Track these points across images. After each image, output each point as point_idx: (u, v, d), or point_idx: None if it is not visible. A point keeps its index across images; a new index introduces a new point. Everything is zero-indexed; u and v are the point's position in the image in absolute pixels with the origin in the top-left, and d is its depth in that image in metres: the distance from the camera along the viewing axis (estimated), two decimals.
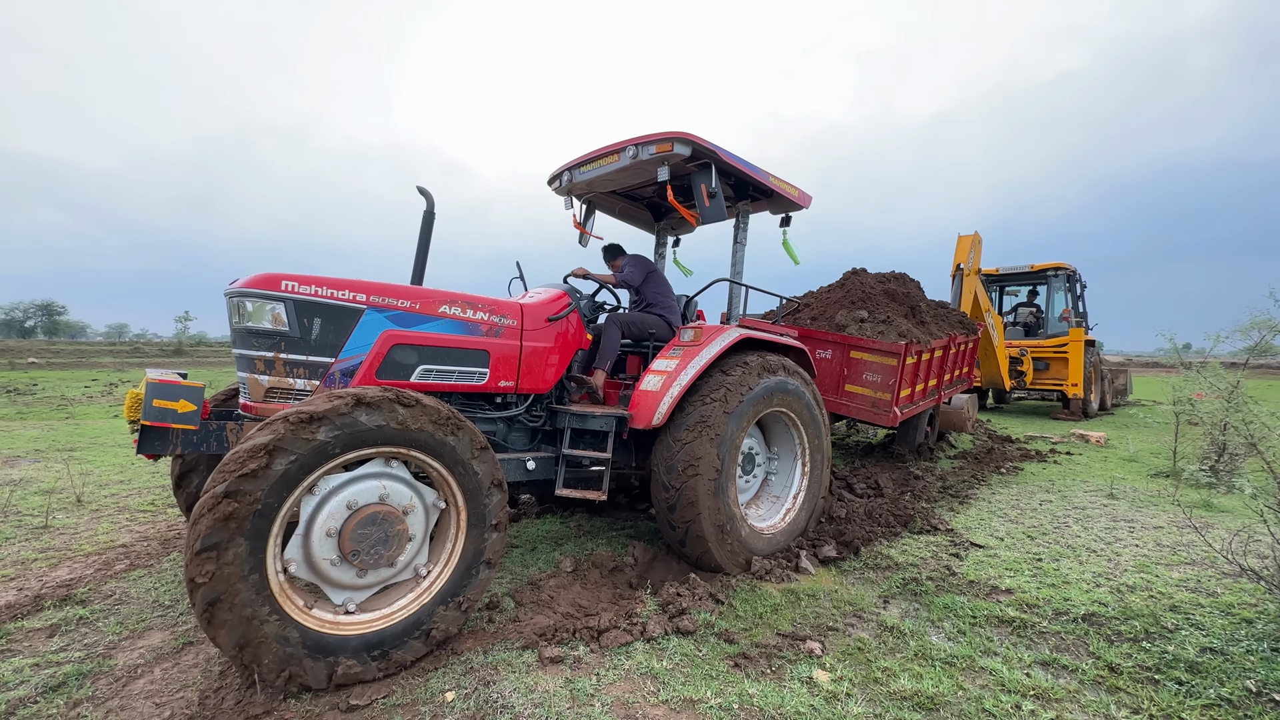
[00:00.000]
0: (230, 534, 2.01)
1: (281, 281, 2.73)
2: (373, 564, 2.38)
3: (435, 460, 2.51)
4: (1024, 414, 12.97)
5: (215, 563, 1.99)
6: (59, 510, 4.53)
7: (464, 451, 2.57)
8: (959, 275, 9.57)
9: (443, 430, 2.51)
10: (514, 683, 2.33)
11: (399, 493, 2.48)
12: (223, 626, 2.03)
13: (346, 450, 2.28)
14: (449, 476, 2.56)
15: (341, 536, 2.31)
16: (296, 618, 2.20)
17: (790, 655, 2.65)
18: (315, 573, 2.31)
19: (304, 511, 2.26)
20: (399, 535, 2.43)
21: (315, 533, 2.27)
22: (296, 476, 2.16)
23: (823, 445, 4.27)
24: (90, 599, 3.07)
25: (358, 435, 2.29)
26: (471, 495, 2.61)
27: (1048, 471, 6.80)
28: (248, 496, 2.04)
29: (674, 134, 3.61)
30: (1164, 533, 4.38)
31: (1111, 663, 2.61)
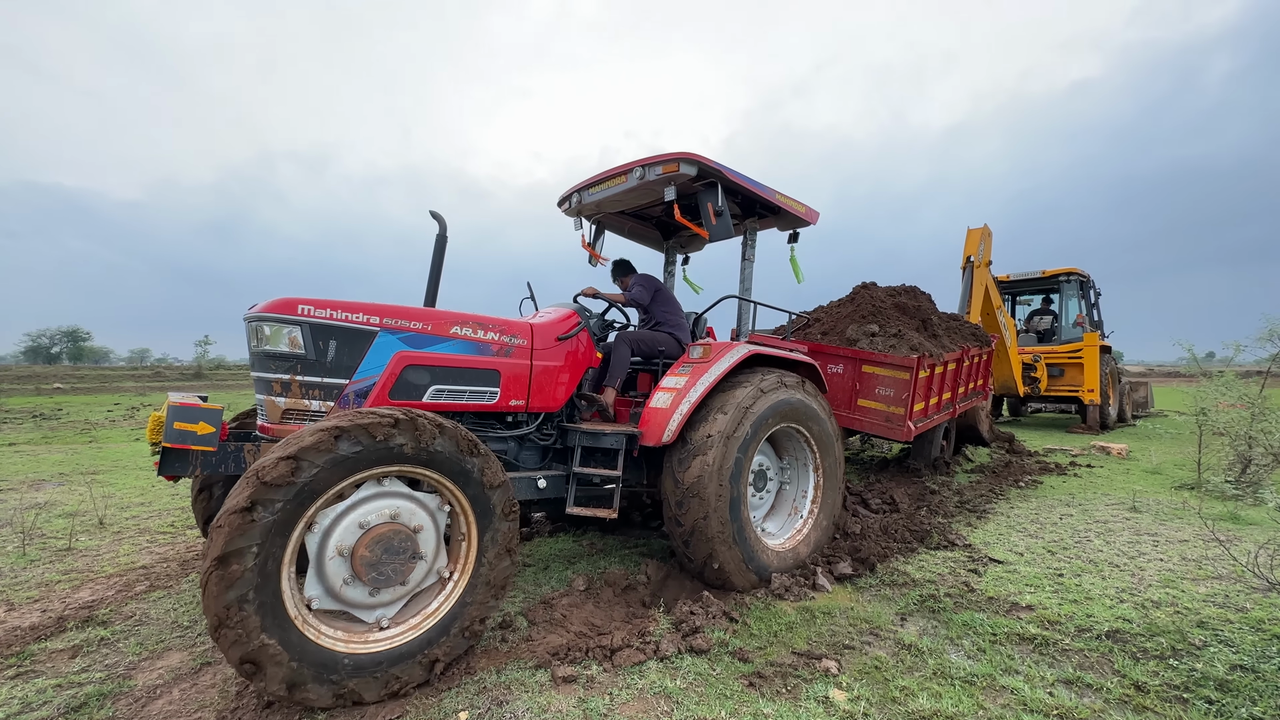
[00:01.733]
0: (242, 589, 2.06)
1: (298, 306, 2.80)
2: (388, 581, 2.41)
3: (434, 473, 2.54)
4: (1042, 427, 12.76)
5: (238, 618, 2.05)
6: (82, 532, 4.61)
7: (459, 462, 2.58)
8: (969, 268, 9.42)
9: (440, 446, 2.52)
10: (527, 702, 2.33)
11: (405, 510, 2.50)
12: (262, 677, 2.09)
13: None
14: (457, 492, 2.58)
15: (354, 559, 2.34)
16: (333, 647, 2.26)
17: (806, 674, 2.61)
18: (340, 600, 2.35)
19: (310, 547, 2.30)
20: (411, 549, 2.46)
21: (328, 562, 2.30)
22: (287, 524, 2.17)
23: (836, 461, 4.24)
24: (111, 620, 3.12)
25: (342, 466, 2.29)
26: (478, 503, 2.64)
27: (1068, 485, 6.67)
28: (246, 556, 2.07)
29: (680, 154, 3.68)
30: (1189, 546, 4.27)
31: (1138, 681, 2.54)
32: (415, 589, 2.54)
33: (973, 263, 9.41)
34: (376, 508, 2.41)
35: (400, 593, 2.48)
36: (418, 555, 2.47)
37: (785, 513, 4.20)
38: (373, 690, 2.30)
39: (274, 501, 2.10)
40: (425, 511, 2.54)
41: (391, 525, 2.41)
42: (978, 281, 9.36)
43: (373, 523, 2.37)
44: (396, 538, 2.40)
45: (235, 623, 2.02)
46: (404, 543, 2.42)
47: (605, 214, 4.82)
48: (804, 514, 4.12)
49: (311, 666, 2.17)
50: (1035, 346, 12.59)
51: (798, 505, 4.19)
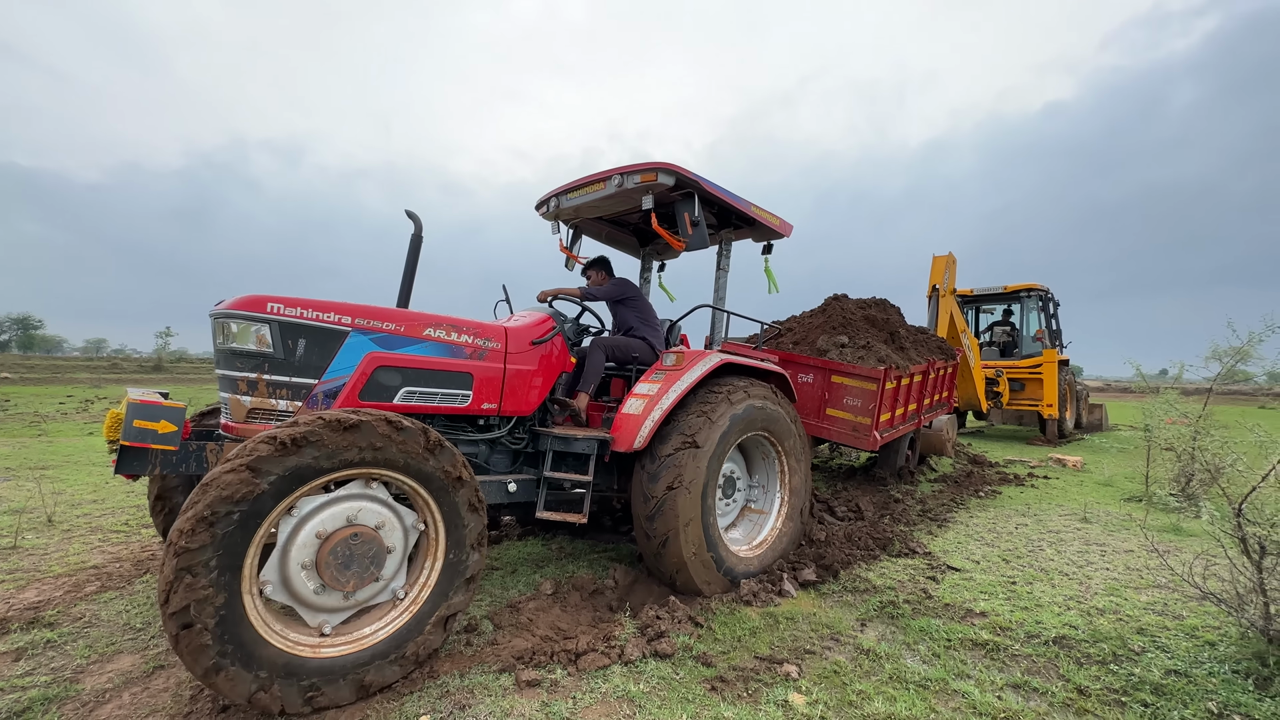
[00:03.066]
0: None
1: (267, 303, 2.76)
2: (350, 584, 2.38)
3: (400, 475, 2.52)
4: (1003, 438, 13.16)
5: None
6: (29, 530, 4.43)
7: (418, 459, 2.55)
8: (935, 296, 9.77)
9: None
10: (490, 706, 2.33)
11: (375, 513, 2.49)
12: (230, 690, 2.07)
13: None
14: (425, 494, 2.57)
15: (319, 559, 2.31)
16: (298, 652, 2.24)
17: (767, 678, 2.67)
18: (292, 596, 2.32)
19: (281, 532, 2.27)
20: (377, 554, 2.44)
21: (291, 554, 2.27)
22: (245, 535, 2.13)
23: (803, 469, 4.33)
24: (59, 622, 3.01)
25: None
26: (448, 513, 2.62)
27: (1025, 495, 6.91)
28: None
29: (658, 165, 3.73)
30: (1133, 556, 4.47)
31: (1080, 685, 2.66)
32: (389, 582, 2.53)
33: (938, 291, 9.74)
34: (339, 511, 2.39)
35: (376, 589, 2.47)
36: (384, 555, 2.46)
37: (753, 520, 4.27)
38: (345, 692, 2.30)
39: (230, 514, 2.06)
40: (392, 514, 2.53)
41: (353, 528, 2.39)
42: (943, 309, 9.71)
43: (329, 530, 2.35)
44: (359, 541, 2.38)
45: (195, 638, 1.99)
46: (368, 546, 2.40)
47: (583, 219, 4.84)
48: (771, 521, 4.19)
49: (276, 673, 2.15)
50: (997, 361, 13.02)
51: (766, 512, 4.26)
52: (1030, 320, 13.24)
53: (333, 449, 2.28)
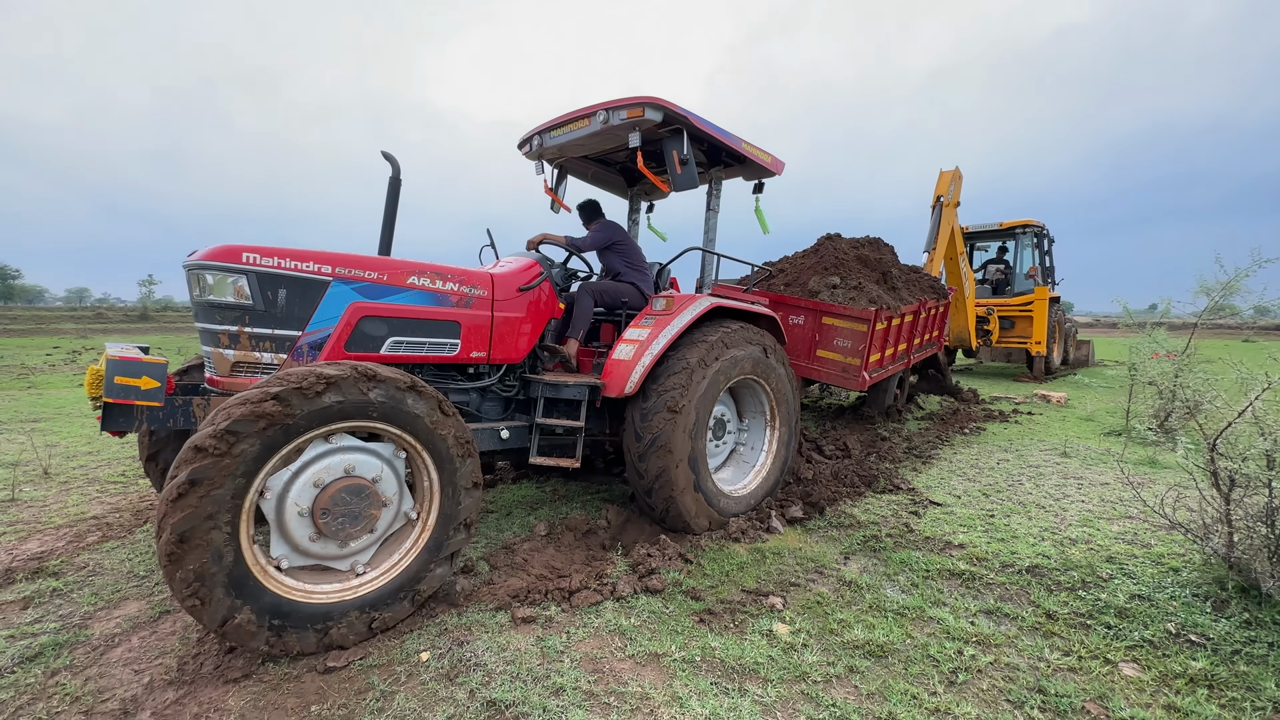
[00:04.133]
0: (198, 551, 2.05)
1: (242, 253, 2.68)
2: (354, 531, 2.45)
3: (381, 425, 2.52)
4: (991, 375, 13.36)
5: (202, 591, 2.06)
6: (25, 483, 4.48)
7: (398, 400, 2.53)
8: (938, 207, 9.60)
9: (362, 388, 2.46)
10: (487, 642, 2.44)
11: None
12: (243, 639, 2.15)
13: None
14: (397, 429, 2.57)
15: (314, 518, 2.35)
16: (302, 600, 2.30)
17: (753, 610, 2.80)
18: (310, 557, 2.39)
19: (269, 513, 2.30)
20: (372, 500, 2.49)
21: (289, 524, 2.32)
22: (233, 503, 2.15)
23: (792, 411, 4.38)
24: (63, 571, 3.08)
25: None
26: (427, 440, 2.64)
27: (1008, 431, 7.07)
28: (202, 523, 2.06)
29: (645, 99, 3.56)
30: (1109, 489, 4.63)
31: (1049, 610, 2.81)
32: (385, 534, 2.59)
33: (942, 202, 9.55)
34: (329, 464, 2.40)
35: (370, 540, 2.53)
36: (381, 504, 2.50)
37: (742, 460, 4.36)
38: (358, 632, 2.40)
39: (218, 474, 2.08)
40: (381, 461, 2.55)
41: (348, 479, 2.42)
42: (945, 220, 9.52)
43: (327, 480, 2.38)
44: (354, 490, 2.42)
45: (202, 593, 2.05)
46: (363, 494, 2.44)
47: (568, 159, 4.67)
48: (760, 461, 4.29)
49: (285, 619, 2.23)
50: (989, 299, 13.02)
51: (755, 453, 4.34)
52: (1024, 257, 13.16)
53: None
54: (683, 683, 2.23)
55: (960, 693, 2.23)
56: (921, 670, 2.36)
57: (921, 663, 2.40)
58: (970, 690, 2.25)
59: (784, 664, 2.37)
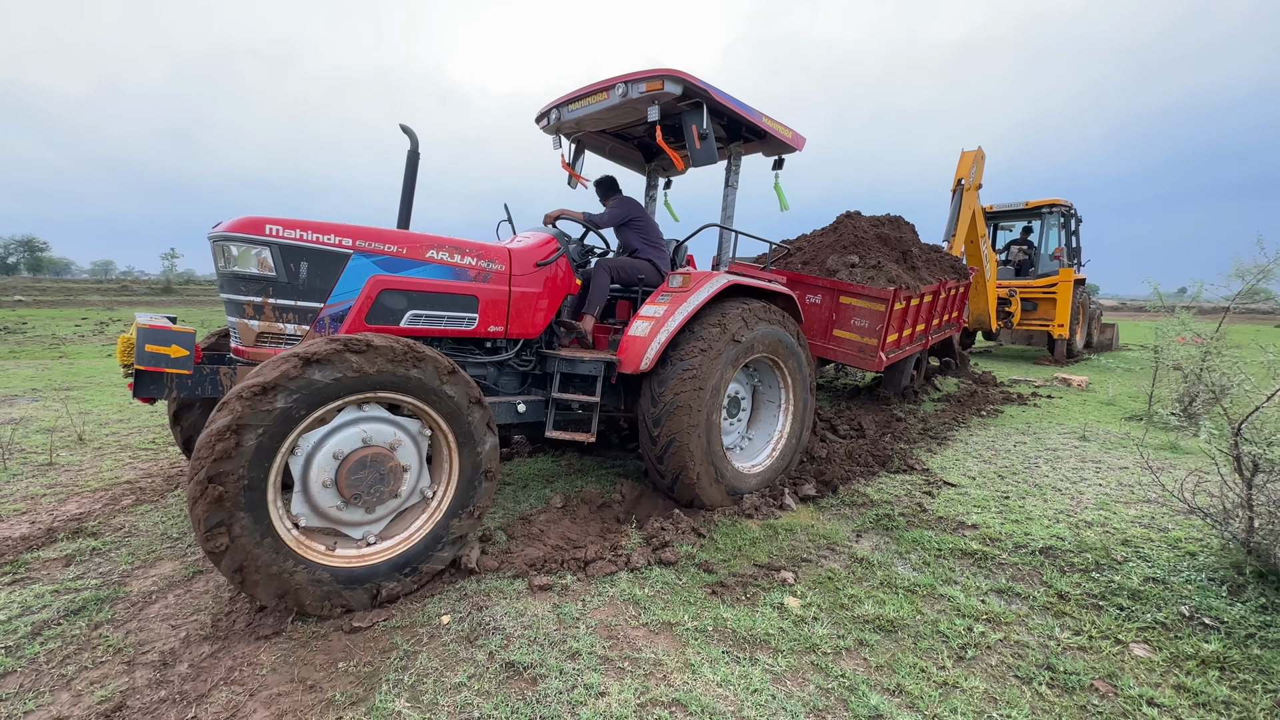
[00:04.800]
0: (229, 511, 2.13)
1: (266, 225, 2.72)
2: (375, 501, 2.51)
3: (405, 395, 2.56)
4: (1010, 358, 13.16)
5: (226, 536, 2.13)
6: (62, 448, 4.65)
7: (431, 380, 2.58)
8: (959, 190, 9.37)
9: (404, 366, 2.51)
10: (505, 608, 2.51)
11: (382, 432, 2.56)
12: (256, 585, 2.21)
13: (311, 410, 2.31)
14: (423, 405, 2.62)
15: (338, 483, 2.42)
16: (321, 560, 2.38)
17: (764, 584, 2.84)
18: (326, 519, 2.46)
19: (295, 470, 2.36)
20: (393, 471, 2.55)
21: (312, 485, 2.38)
22: (271, 446, 2.21)
23: (807, 391, 4.38)
24: (101, 531, 3.22)
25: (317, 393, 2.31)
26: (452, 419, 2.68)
27: (1026, 414, 7.00)
28: (230, 476, 2.12)
29: (665, 71, 3.52)
30: (1128, 473, 4.58)
31: (1061, 591, 2.82)
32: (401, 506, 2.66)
33: (963, 185, 9.32)
34: (354, 433, 2.46)
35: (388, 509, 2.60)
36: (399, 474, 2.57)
37: (757, 438, 4.38)
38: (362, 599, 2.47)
39: (255, 427, 2.14)
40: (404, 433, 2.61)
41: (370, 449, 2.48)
42: (966, 205, 9.30)
43: (346, 451, 2.44)
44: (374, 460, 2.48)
45: (225, 542, 2.12)
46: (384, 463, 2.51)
47: (585, 133, 4.63)
48: (774, 440, 4.30)
49: (304, 578, 2.31)
50: (1011, 280, 12.75)
51: (769, 431, 4.35)
52: (1050, 237, 12.83)
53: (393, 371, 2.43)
54: (695, 650, 2.29)
55: (969, 667, 2.26)
56: (931, 645, 2.39)
57: (931, 638, 2.43)
58: (979, 665, 2.28)
59: (794, 636, 2.41)
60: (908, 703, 2.05)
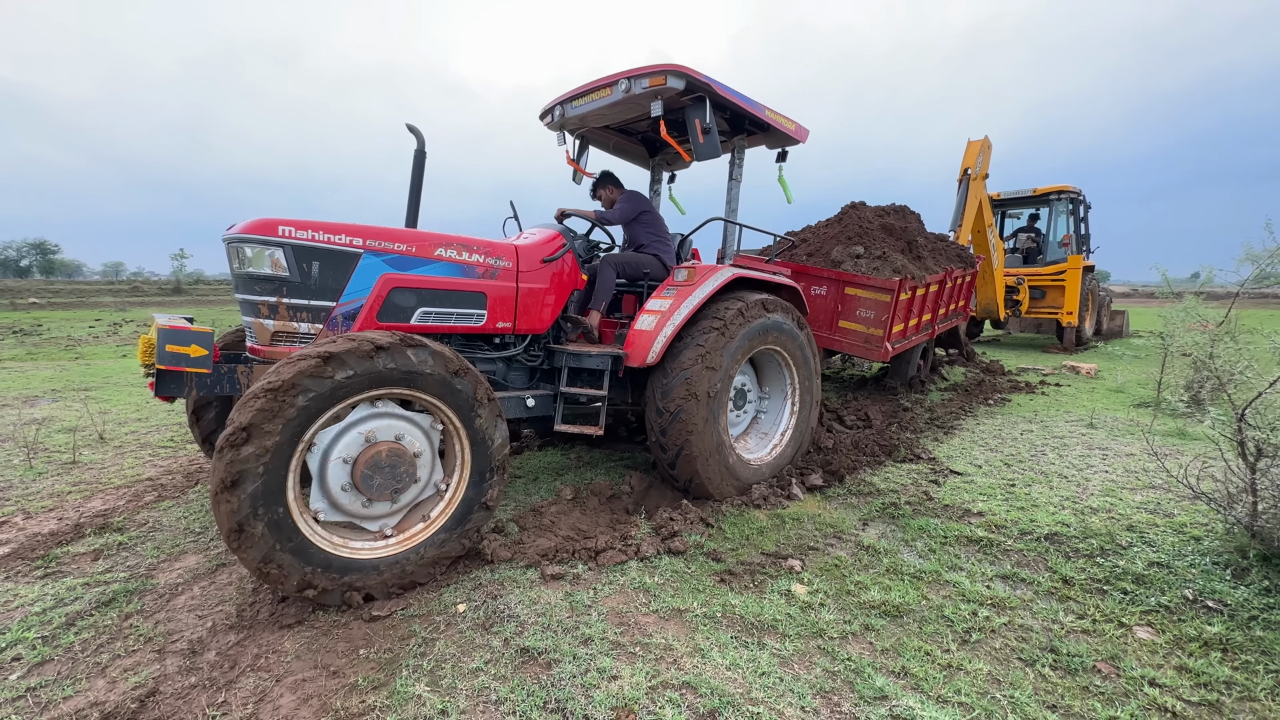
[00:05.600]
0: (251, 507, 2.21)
1: (279, 227, 2.78)
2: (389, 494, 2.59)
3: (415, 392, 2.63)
4: (1019, 347, 13.11)
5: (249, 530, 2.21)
6: (84, 447, 4.76)
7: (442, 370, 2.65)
8: (965, 180, 9.33)
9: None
10: (519, 596, 2.58)
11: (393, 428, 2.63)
12: (280, 580, 2.31)
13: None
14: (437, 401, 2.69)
15: (354, 478, 2.49)
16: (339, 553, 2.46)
17: (772, 572, 2.90)
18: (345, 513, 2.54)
19: (312, 465, 2.44)
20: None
21: (330, 479, 2.46)
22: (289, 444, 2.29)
23: (813, 382, 4.42)
24: (126, 527, 3.32)
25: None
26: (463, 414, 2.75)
27: (1034, 403, 7.00)
28: (250, 473, 2.20)
29: (667, 67, 3.54)
30: (1134, 460, 4.60)
31: (1066, 576, 2.85)
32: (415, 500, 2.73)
33: (970, 175, 9.28)
34: (370, 429, 2.53)
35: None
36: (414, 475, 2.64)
37: (763, 430, 4.42)
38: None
39: (274, 424, 2.22)
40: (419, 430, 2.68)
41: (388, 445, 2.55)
42: (972, 194, 9.26)
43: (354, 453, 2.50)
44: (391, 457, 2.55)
45: (248, 535, 2.21)
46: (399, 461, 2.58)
47: (589, 128, 4.67)
48: (780, 431, 4.35)
49: (320, 568, 2.39)
50: (1019, 268, 12.68)
51: (775, 422, 4.40)
52: (1058, 224, 12.73)
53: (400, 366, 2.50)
54: (704, 636, 2.35)
55: (973, 650, 2.31)
56: (936, 629, 2.43)
57: (936, 622, 2.48)
58: (983, 648, 2.32)
59: (801, 621, 2.47)
60: (913, 684, 2.10)
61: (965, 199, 9.24)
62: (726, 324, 3.70)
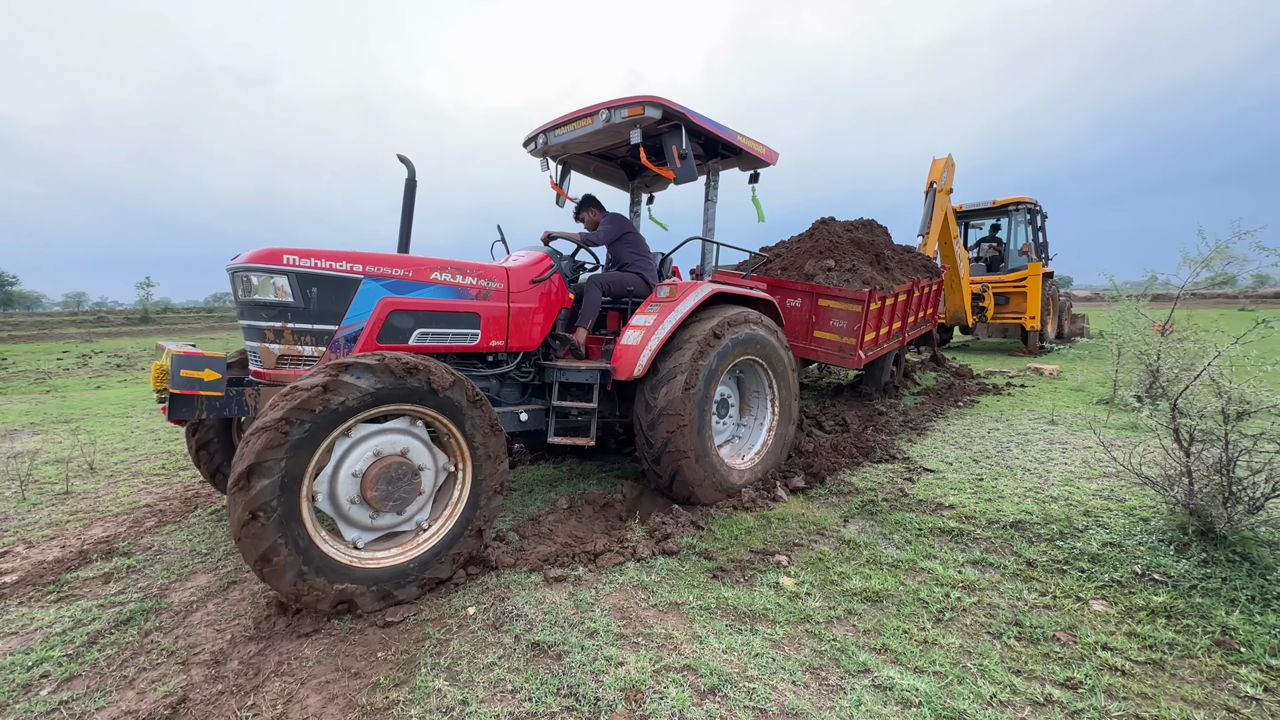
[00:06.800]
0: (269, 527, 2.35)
1: (283, 256, 2.93)
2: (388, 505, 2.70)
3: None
4: (986, 351, 13.63)
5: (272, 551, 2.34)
6: (75, 477, 4.77)
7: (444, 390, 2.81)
8: (931, 192, 9.79)
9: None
10: (525, 597, 2.73)
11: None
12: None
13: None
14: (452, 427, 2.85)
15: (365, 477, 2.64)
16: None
17: (761, 567, 3.09)
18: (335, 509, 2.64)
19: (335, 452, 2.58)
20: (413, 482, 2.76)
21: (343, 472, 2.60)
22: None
23: (791, 390, 4.64)
24: (132, 551, 3.38)
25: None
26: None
27: (1000, 403, 7.36)
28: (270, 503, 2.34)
29: (645, 98, 3.80)
30: (1091, 452, 4.92)
31: (1029, 559, 3.10)
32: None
33: (935, 187, 9.76)
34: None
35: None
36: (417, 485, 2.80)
37: (745, 437, 4.64)
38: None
39: (280, 455, 2.36)
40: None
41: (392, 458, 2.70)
42: (938, 206, 9.73)
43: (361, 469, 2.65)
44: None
45: (273, 559, 2.34)
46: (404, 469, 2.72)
47: (571, 155, 4.89)
48: (762, 438, 4.56)
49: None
50: (983, 276, 13.27)
51: (757, 430, 4.62)
52: (1018, 234, 13.38)
53: (391, 386, 2.61)
54: (701, 625, 2.52)
55: (946, 628, 2.52)
56: (913, 611, 2.65)
57: (913, 605, 2.70)
58: (955, 625, 2.54)
59: (790, 609, 2.66)
60: (892, 658, 2.31)
61: (931, 209, 9.72)
62: (707, 336, 3.92)
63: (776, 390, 4.58)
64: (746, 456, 4.46)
